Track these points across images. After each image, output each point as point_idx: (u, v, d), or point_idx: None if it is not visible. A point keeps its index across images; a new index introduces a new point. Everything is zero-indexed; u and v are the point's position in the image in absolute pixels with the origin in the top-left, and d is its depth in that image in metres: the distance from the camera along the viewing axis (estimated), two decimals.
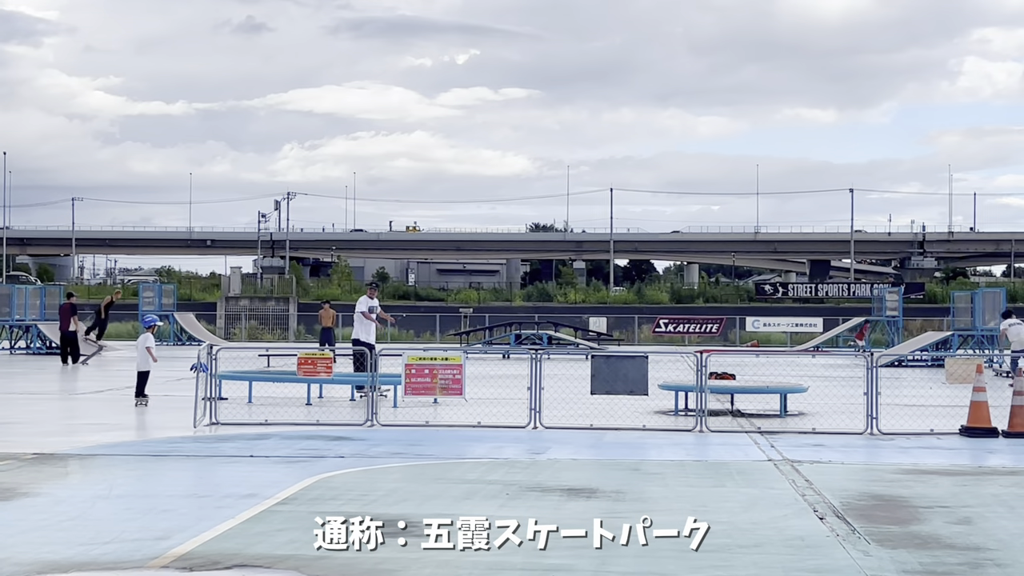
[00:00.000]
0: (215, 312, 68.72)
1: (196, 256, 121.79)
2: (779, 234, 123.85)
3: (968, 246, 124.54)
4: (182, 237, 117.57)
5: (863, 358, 17.43)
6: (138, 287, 57.87)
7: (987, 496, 11.07)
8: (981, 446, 15.36)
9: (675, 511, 10.08)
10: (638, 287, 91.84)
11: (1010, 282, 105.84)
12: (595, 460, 13.70)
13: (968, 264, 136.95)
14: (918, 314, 63.03)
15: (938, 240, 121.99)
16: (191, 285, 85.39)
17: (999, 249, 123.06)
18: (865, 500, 10.79)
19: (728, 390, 20.42)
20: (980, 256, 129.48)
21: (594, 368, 17.67)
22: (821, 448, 14.87)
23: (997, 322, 34.87)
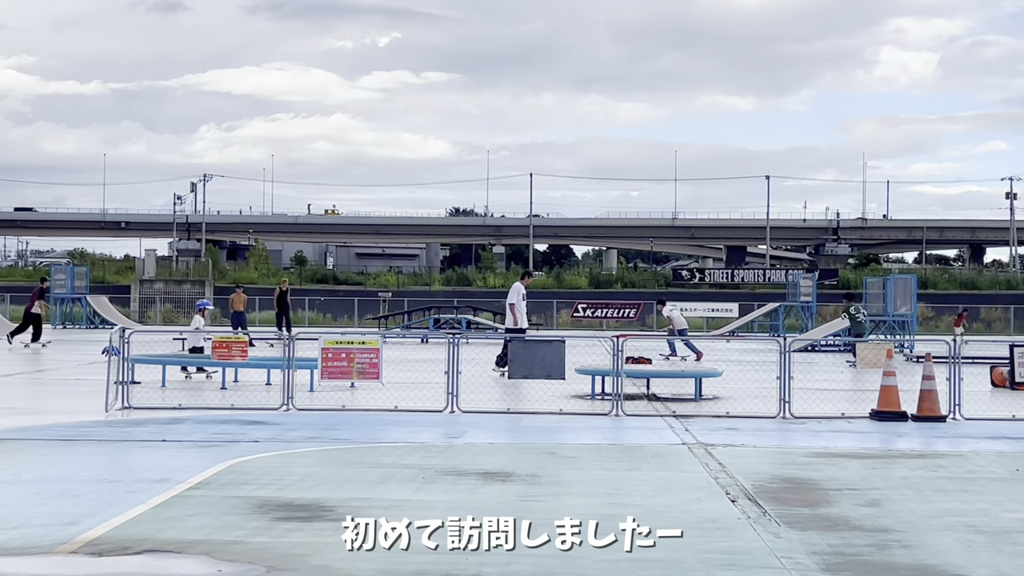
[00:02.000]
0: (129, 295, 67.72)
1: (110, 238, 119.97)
2: (697, 220, 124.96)
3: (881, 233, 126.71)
4: (96, 219, 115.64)
5: (776, 342, 17.65)
6: (49, 269, 56.81)
7: (895, 479, 11.28)
8: (890, 430, 15.64)
9: (590, 494, 10.15)
10: (557, 272, 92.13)
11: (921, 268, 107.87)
12: (512, 444, 13.72)
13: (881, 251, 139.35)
14: (831, 299, 63.94)
15: (852, 227, 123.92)
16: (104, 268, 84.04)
17: (911, 236, 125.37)
18: (776, 483, 10.94)
19: (644, 374, 20.56)
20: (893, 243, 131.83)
21: (512, 352, 17.70)
22: (734, 432, 15.05)
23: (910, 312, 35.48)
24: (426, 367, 24.09)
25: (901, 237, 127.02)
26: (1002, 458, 12.96)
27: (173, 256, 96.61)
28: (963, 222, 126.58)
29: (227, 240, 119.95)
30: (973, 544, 8.29)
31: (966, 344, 18.29)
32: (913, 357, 31.28)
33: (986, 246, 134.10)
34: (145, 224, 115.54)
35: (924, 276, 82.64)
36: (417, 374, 23.44)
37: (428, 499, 9.83)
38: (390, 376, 20.77)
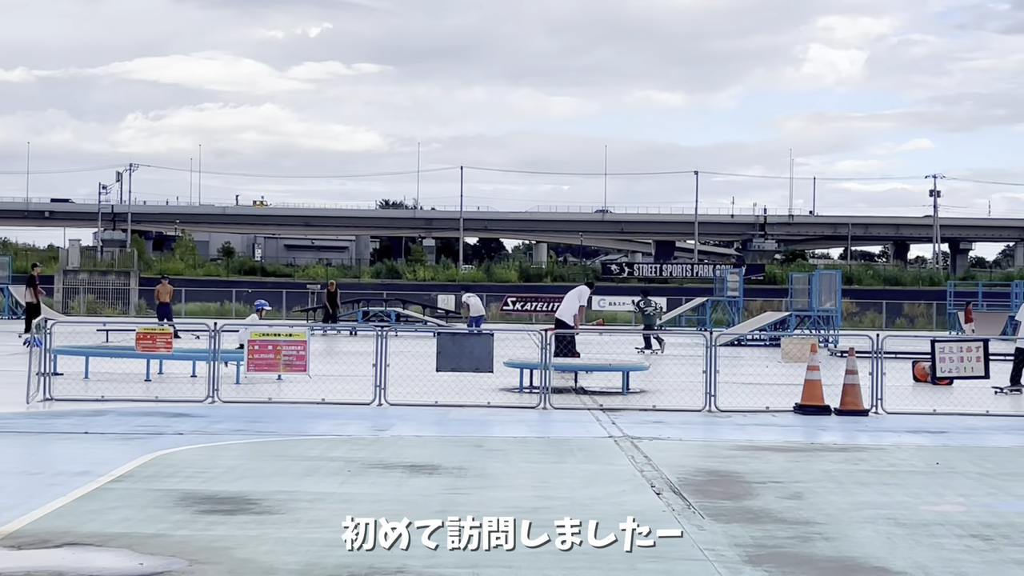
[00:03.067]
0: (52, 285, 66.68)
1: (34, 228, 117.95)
2: (626, 215, 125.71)
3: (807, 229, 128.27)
4: (19, 208, 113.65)
5: (702, 337, 17.81)
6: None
7: (818, 472, 11.43)
8: (814, 423, 15.85)
9: (516, 487, 10.17)
10: (487, 265, 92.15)
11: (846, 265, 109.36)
12: (439, 437, 13.73)
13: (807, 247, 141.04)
14: (758, 295, 64.68)
15: (779, 223, 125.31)
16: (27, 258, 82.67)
17: (837, 232, 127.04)
18: (701, 476, 11.04)
19: (572, 368, 20.64)
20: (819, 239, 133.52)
21: (440, 345, 17.69)
22: (661, 425, 15.16)
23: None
24: (354, 360, 24.00)
25: (827, 233, 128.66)
26: (922, 452, 13.18)
27: (98, 246, 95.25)
28: (888, 219, 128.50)
29: (153, 231, 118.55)
30: (893, 536, 8.43)
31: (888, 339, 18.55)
32: (837, 352, 31.70)
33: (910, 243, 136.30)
34: (69, 214, 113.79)
35: (849, 272, 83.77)
36: (345, 367, 23.34)
37: (354, 491, 9.80)
38: (318, 369, 20.67)
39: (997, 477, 11.25)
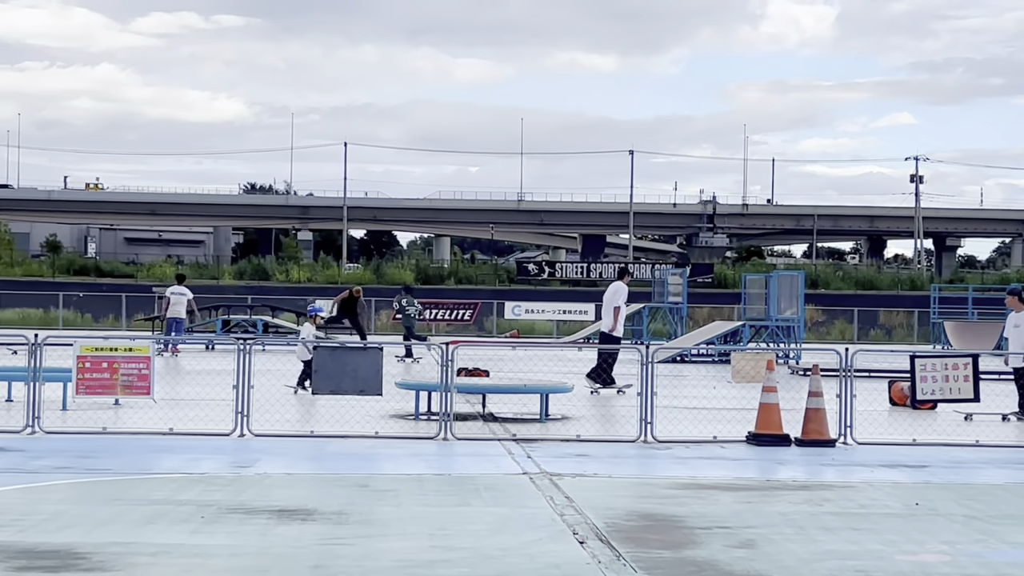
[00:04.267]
0: None
1: None
2: (547, 203, 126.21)
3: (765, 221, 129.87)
4: None
5: (637, 351, 17.93)
6: None
7: (774, 515, 11.55)
8: (770, 456, 16.02)
9: (409, 535, 10.15)
10: (377, 264, 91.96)
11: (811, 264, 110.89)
12: (315, 475, 13.67)
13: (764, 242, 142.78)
14: (706, 300, 65.33)
15: (731, 214, 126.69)
16: None
17: (800, 225, 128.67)
18: (634, 520, 11.10)
19: (480, 389, 20.66)
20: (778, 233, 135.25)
21: (318, 362, 17.60)
22: (586, 459, 15.23)
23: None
24: (211, 380, 23.77)
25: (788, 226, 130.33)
26: (899, 490, 13.38)
27: None
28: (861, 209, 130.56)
29: None
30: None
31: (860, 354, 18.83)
32: (799, 369, 32.12)
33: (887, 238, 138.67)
34: None
35: (814, 273, 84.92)
36: (199, 389, 23.12)
37: (207, 543, 9.71)
38: (165, 391, 20.43)
39: (987, 520, 11.46)
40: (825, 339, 59.78)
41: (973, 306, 53.29)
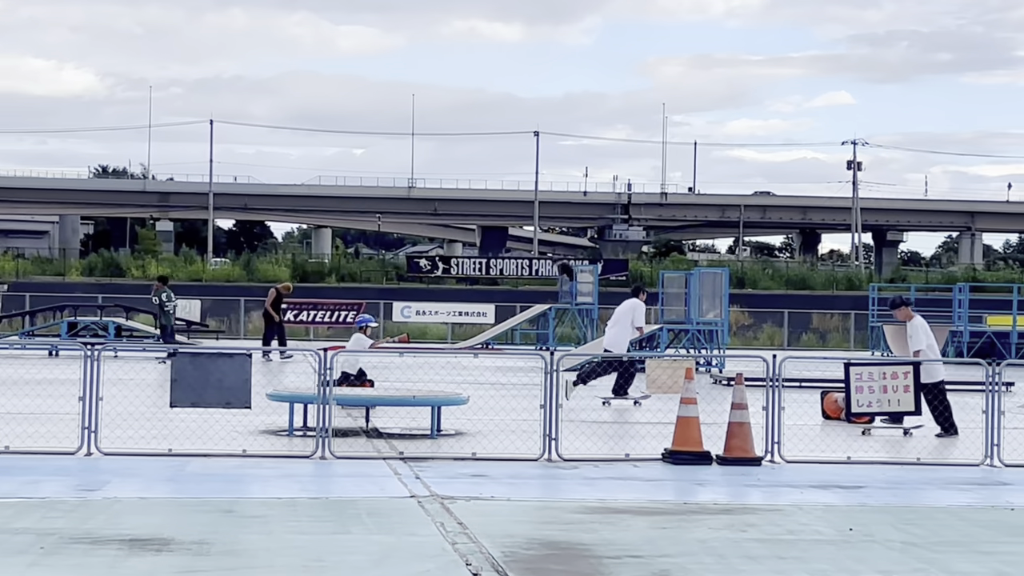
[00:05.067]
0: None
1: None
2: (442, 191, 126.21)
3: (686, 212, 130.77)
4: None
5: (541, 359, 17.96)
6: None
7: (692, 542, 11.63)
8: (688, 476, 16.13)
9: (279, 568, 10.11)
10: (248, 259, 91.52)
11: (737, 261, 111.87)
12: (172, 499, 13.58)
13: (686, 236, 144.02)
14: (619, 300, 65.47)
15: (648, 204, 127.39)
16: None
17: (725, 217, 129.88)
18: (535, 548, 11.13)
19: (363, 402, 20.59)
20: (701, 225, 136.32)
21: (176, 371, 17.44)
22: (482, 480, 15.25)
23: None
24: (54, 391, 23.49)
25: (712, 218, 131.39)
26: (831, 513, 13.53)
27: None
28: (793, 199, 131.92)
29: None
30: None
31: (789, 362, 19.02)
32: (722, 378, 32.38)
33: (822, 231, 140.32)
34: None
35: (740, 271, 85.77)
36: (40, 401, 22.84)
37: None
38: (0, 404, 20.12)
39: (928, 547, 11.63)
40: (752, 344, 60.36)
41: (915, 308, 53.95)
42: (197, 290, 69.97)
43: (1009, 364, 23.03)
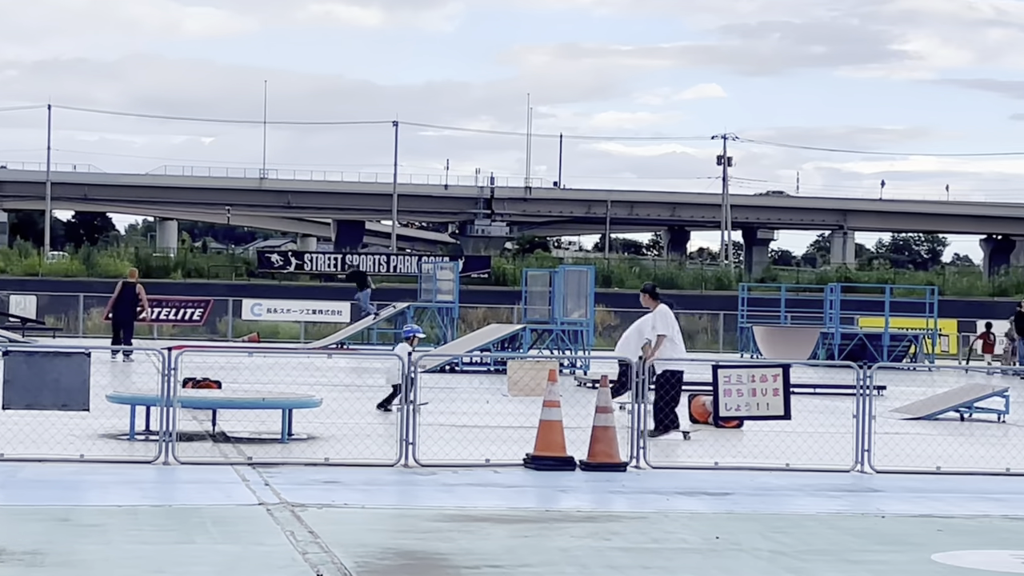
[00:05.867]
0: None
1: None
2: (295, 182, 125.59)
3: (552, 207, 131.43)
4: None
5: (398, 360, 17.91)
6: None
7: (554, 551, 11.69)
8: (551, 482, 16.19)
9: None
10: (87, 253, 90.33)
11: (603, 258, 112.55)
12: (3, 507, 13.43)
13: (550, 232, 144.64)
14: (481, 299, 65.70)
15: (512, 198, 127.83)
16: None
17: (591, 213, 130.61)
18: (390, 558, 11.13)
19: (209, 404, 20.43)
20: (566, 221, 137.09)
21: (8, 370, 17.19)
22: (335, 486, 15.21)
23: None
24: None
25: (578, 214, 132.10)
26: (697, 521, 13.67)
27: None
28: (661, 195, 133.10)
29: None
30: None
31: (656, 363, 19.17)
32: (587, 381, 32.53)
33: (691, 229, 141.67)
34: None
35: (607, 269, 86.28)
36: None
37: None
38: None
39: (796, 556, 11.78)
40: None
41: (786, 309, 54.70)
42: (33, 285, 69.07)
43: (881, 367, 23.48)
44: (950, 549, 12.27)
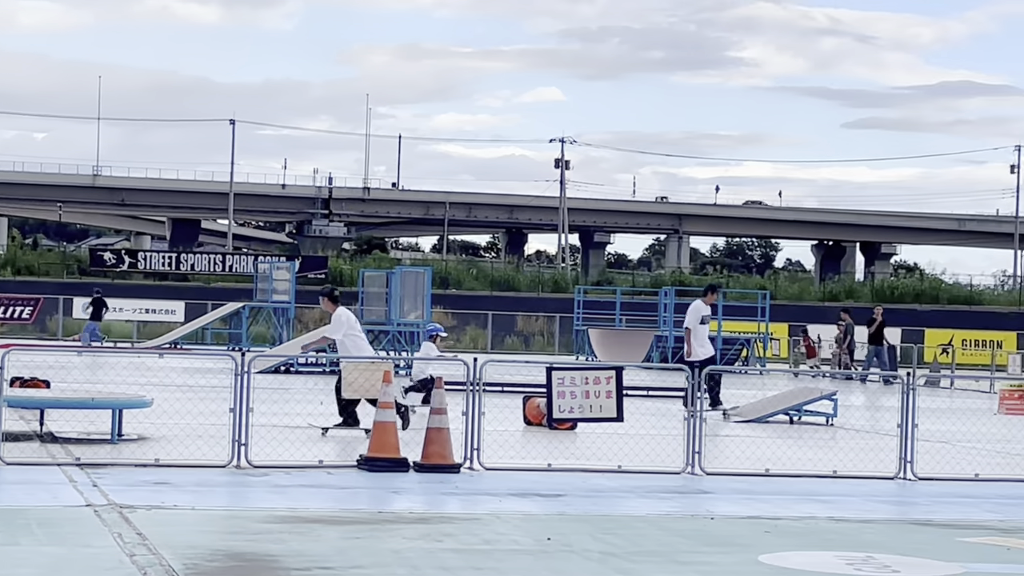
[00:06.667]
0: None
1: None
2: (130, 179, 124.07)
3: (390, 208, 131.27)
4: None
5: (231, 360, 17.80)
6: None
7: (385, 553, 11.68)
8: (384, 483, 16.21)
9: None
10: None
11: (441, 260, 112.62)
12: None
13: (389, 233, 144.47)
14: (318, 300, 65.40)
15: (350, 199, 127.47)
16: None
17: (430, 214, 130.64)
18: (219, 560, 11.05)
19: (37, 404, 20.17)
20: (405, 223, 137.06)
21: None
22: (165, 487, 15.09)
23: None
24: None
25: (417, 215, 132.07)
26: (529, 522, 13.74)
27: None
28: (500, 197, 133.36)
29: None
30: None
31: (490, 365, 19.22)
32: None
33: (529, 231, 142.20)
34: None
35: (445, 270, 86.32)
36: None
37: None
38: None
39: (626, 558, 11.88)
40: (455, 347, 60.78)
41: (621, 312, 55.16)
42: None
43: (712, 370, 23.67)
44: (777, 550, 12.45)
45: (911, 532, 14.26)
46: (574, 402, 18.65)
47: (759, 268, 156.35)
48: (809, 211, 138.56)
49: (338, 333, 21.71)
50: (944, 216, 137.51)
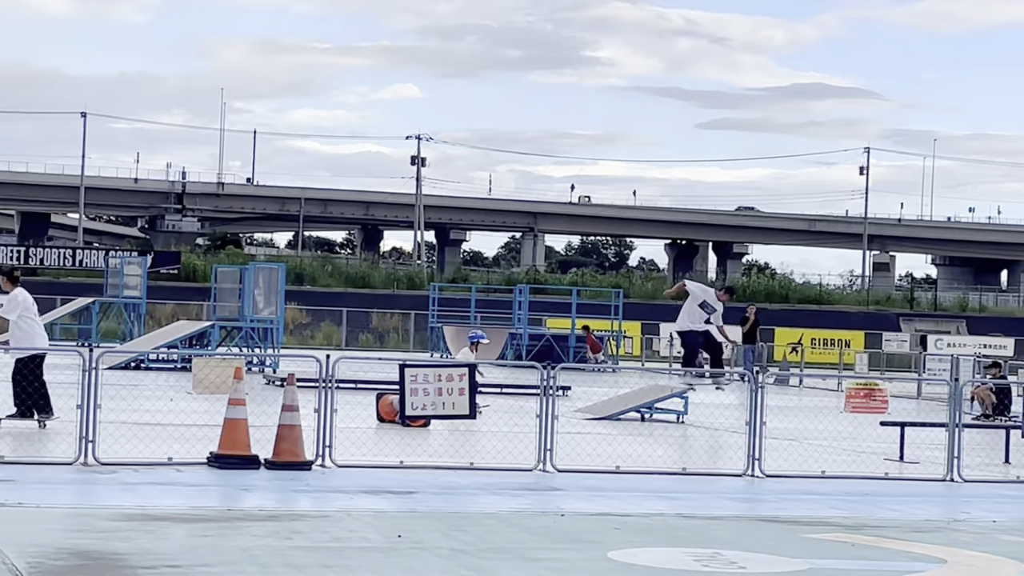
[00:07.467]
0: None
1: None
2: None
3: (245, 204, 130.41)
4: None
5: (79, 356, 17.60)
6: None
7: (234, 551, 11.61)
8: (235, 481, 16.12)
9: None
10: None
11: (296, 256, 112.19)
12: None
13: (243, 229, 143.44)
14: (170, 295, 64.87)
15: (204, 194, 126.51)
16: None
17: (285, 210, 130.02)
18: (64, 558, 10.92)
19: None
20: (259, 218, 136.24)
21: None
22: (10, 485, 14.88)
23: None
24: None
25: (271, 211, 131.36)
26: (380, 519, 13.74)
27: None
28: (356, 194, 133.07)
29: None
30: None
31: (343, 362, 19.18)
32: (276, 379, 32.40)
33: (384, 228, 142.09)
34: None
35: (299, 266, 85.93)
36: None
37: None
38: None
39: (476, 554, 11.91)
40: (309, 344, 60.57)
41: (476, 309, 55.22)
42: None
43: (565, 368, 23.84)
44: (626, 547, 12.55)
45: (758, 529, 14.44)
46: (427, 399, 18.68)
47: (614, 266, 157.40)
48: (663, 210, 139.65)
49: (12, 314, 20.89)
50: (795, 216, 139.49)
